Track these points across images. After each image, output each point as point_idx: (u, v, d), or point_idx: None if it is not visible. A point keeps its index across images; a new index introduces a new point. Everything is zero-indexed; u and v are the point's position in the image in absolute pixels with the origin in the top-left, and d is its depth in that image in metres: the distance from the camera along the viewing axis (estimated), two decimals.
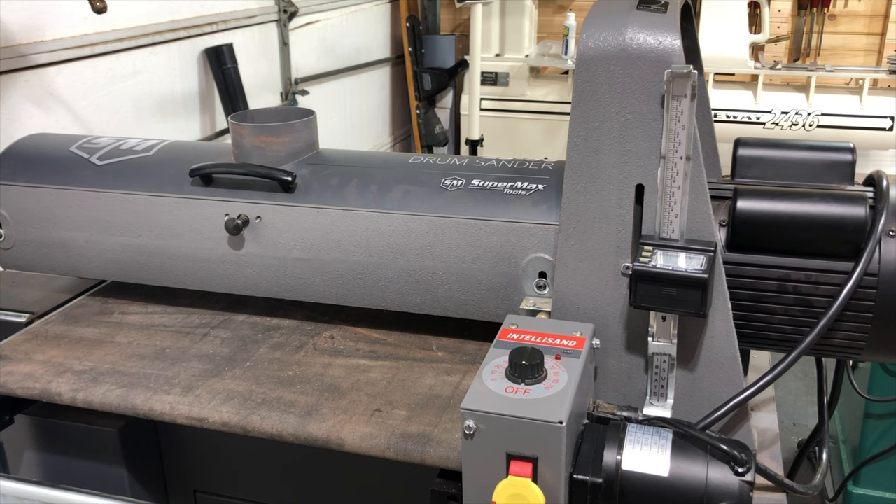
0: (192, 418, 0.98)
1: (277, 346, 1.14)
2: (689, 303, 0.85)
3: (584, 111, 0.89)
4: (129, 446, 1.11)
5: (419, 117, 4.25)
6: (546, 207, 1.01)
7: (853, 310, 0.88)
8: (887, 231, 0.88)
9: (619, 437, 0.81)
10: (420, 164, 1.13)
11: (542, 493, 0.75)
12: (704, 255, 0.86)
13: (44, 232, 1.21)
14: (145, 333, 1.18)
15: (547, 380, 0.80)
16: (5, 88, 1.92)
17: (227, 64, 2.74)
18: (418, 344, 1.14)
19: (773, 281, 0.91)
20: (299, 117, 1.18)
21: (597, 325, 0.92)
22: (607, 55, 0.87)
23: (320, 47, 3.57)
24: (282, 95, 3.27)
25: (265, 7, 3.08)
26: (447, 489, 0.87)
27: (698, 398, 0.92)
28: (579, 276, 0.94)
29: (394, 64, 4.36)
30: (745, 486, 0.77)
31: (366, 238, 1.08)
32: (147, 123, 2.43)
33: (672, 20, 0.88)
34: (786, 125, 3.59)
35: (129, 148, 1.25)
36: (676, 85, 0.83)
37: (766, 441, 1.02)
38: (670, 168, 0.86)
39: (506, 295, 1.04)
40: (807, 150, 0.99)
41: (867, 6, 4.08)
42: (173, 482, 1.20)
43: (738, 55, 3.63)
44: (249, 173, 1.13)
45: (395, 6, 4.28)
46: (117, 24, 2.27)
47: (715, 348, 0.90)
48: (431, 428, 0.93)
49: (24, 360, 1.10)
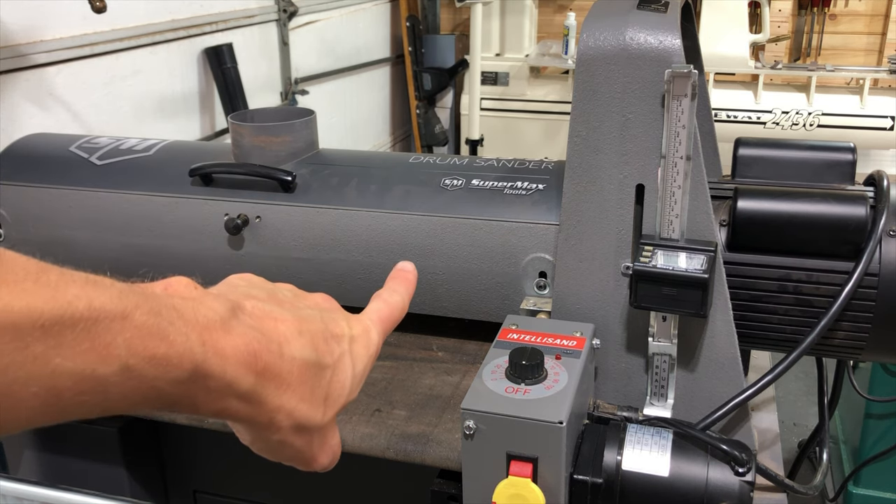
0: (192, 418, 0.98)
1: None
2: (690, 303, 0.85)
3: (584, 111, 0.89)
4: (128, 446, 1.11)
5: (419, 117, 4.25)
6: (546, 207, 1.01)
7: (853, 310, 0.88)
8: (888, 231, 0.88)
9: (620, 437, 0.81)
10: (420, 164, 1.13)
11: (543, 493, 0.75)
12: (705, 255, 0.86)
13: (44, 232, 1.21)
14: None
15: (547, 380, 0.80)
16: (5, 88, 1.92)
17: (227, 64, 2.74)
18: (418, 344, 1.14)
19: (774, 281, 0.91)
20: (299, 117, 1.18)
21: (597, 325, 0.92)
22: (607, 55, 0.87)
23: (320, 47, 3.57)
24: (282, 95, 3.27)
25: (265, 7, 3.08)
26: (447, 489, 0.87)
27: (698, 398, 0.92)
28: (579, 276, 0.94)
29: (394, 64, 4.36)
30: (745, 487, 0.77)
31: (366, 238, 1.08)
32: (147, 123, 2.42)
33: (672, 20, 0.88)
34: (786, 125, 3.59)
35: (128, 148, 1.25)
36: (677, 85, 0.83)
37: (767, 441, 1.02)
38: (670, 168, 0.86)
39: (506, 295, 1.04)
40: (807, 150, 0.99)
41: (868, 6, 4.07)
42: (173, 482, 1.20)
43: (739, 55, 3.62)
44: (249, 173, 1.13)
45: (395, 6, 4.27)
46: (117, 24, 2.27)
47: (715, 348, 0.90)
48: (431, 428, 0.93)
49: None
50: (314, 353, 0.50)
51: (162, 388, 0.42)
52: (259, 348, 0.46)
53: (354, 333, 0.55)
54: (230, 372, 0.44)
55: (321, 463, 0.54)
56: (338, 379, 0.52)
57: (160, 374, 0.41)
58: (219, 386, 0.44)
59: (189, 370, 0.42)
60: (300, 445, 0.51)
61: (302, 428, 0.50)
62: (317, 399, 0.50)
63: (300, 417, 0.49)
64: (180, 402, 0.44)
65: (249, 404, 0.46)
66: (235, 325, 0.46)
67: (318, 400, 0.50)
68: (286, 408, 0.48)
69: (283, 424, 0.49)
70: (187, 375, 0.42)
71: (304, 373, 0.49)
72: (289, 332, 0.49)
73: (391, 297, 0.60)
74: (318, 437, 0.52)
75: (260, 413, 0.47)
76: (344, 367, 0.52)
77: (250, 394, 0.46)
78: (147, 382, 0.41)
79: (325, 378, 0.51)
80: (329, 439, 0.53)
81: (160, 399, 0.42)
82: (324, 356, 0.51)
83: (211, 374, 0.43)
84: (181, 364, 0.42)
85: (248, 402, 0.46)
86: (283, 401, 0.48)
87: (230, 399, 0.45)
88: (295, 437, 0.50)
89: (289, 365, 0.48)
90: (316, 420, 0.50)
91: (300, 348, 0.49)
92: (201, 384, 0.43)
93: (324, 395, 0.51)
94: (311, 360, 0.50)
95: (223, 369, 0.44)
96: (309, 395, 0.50)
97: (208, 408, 0.45)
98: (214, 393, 0.44)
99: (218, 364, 0.44)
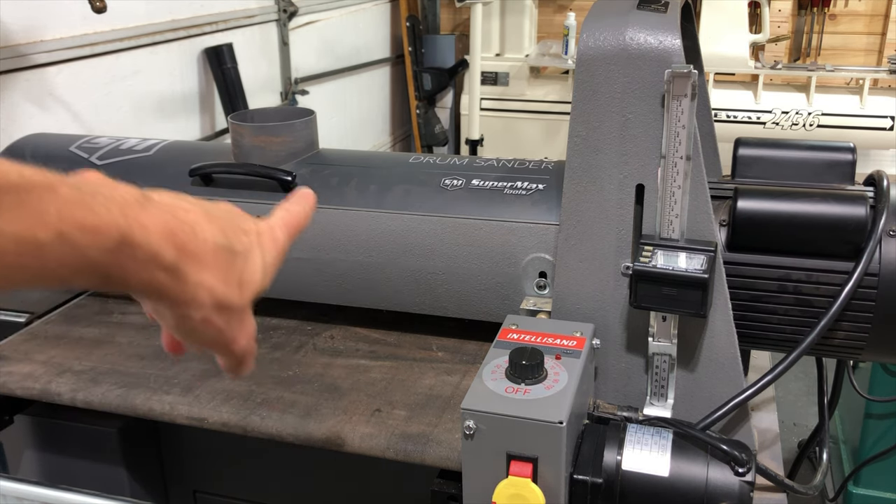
0: (191, 418, 0.98)
1: (277, 346, 1.14)
2: (690, 303, 0.85)
3: (584, 111, 0.89)
4: (128, 446, 1.11)
5: (419, 117, 4.25)
6: (546, 207, 1.01)
7: (853, 310, 0.88)
8: (888, 231, 0.88)
9: (620, 437, 0.81)
10: (420, 164, 1.13)
11: (543, 493, 0.75)
12: (705, 254, 0.86)
13: None
14: (145, 333, 1.18)
15: (547, 380, 0.80)
16: (5, 88, 1.92)
17: (227, 64, 2.74)
18: (418, 344, 1.14)
19: (774, 281, 0.91)
20: (299, 117, 1.18)
21: (597, 325, 0.92)
22: (607, 55, 0.87)
23: (320, 47, 3.57)
24: (282, 95, 3.27)
25: (265, 7, 3.08)
26: (447, 489, 0.87)
27: (698, 398, 0.92)
28: (579, 276, 0.94)
29: (394, 64, 4.36)
30: (745, 487, 0.77)
31: (366, 238, 1.08)
32: (147, 123, 2.42)
33: (672, 20, 0.88)
34: (786, 125, 3.59)
35: (128, 148, 1.25)
36: (677, 85, 0.83)
37: (767, 441, 1.02)
38: (670, 168, 0.86)
39: (506, 295, 1.04)
40: (807, 150, 0.99)
41: (867, 6, 4.07)
42: (173, 482, 1.20)
43: (739, 55, 3.62)
44: (249, 173, 1.13)
45: (395, 6, 4.27)
46: (117, 24, 2.27)
47: (715, 348, 0.90)
48: (431, 428, 0.93)
49: (24, 360, 1.10)
50: (225, 238, 0.55)
51: (94, 256, 0.47)
52: (174, 226, 0.51)
53: (261, 229, 0.61)
54: (154, 243, 0.49)
55: (240, 344, 0.59)
56: (249, 266, 0.58)
57: (91, 243, 0.46)
58: (145, 256, 0.49)
59: (116, 238, 0.47)
60: (221, 325, 0.56)
61: (222, 307, 0.55)
62: (232, 281, 0.56)
63: (219, 295, 0.55)
64: (112, 273, 0.49)
65: (174, 278, 0.51)
66: (150, 207, 0.51)
67: (233, 282, 0.56)
68: (206, 284, 0.54)
69: (205, 301, 0.54)
70: (115, 244, 0.47)
71: (217, 255, 0.55)
72: (198, 219, 0.54)
73: (293, 206, 0.66)
74: (236, 319, 0.58)
75: (184, 289, 0.52)
76: (254, 257, 0.58)
77: (174, 267, 0.51)
78: (80, 250, 0.46)
79: (237, 263, 0.56)
80: (246, 323, 0.59)
81: (94, 269, 0.48)
82: (234, 243, 0.56)
83: (136, 243, 0.48)
84: (108, 232, 0.47)
85: (172, 276, 0.51)
86: (202, 277, 0.53)
87: (156, 271, 0.50)
88: (216, 316, 0.55)
89: (203, 245, 0.53)
90: (234, 300, 0.56)
91: (211, 233, 0.54)
92: (129, 253, 0.48)
93: (238, 279, 0.56)
94: (222, 244, 0.55)
95: (147, 240, 0.49)
96: (224, 276, 0.55)
97: (138, 278, 0.50)
98: (141, 263, 0.49)
99: (142, 234, 0.49)
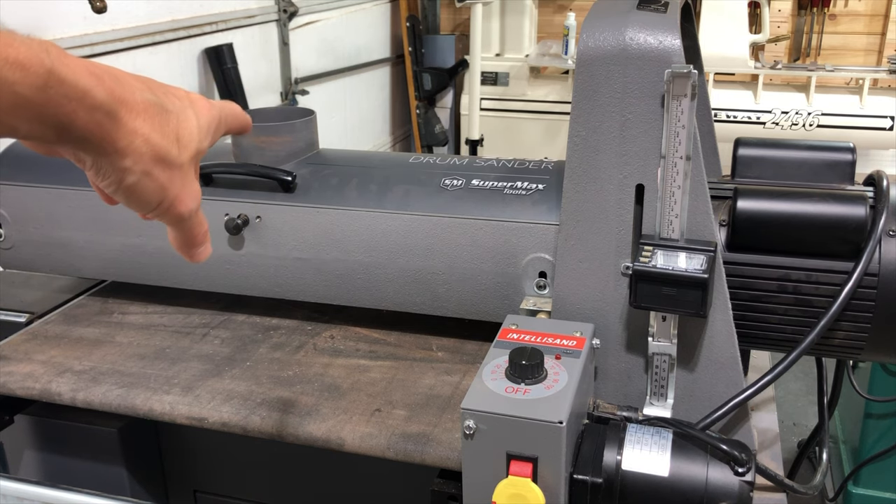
0: (192, 418, 0.98)
1: (277, 346, 1.14)
2: (690, 303, 0.85)
3: (584, 111, 0.89)
4: (128, 446, 1.11)
5: (419, 117, 4.25)
6: (546, 207, 1.01)
7: (853, 310, 0.88)
8: (887, 231, 0.88)
9: (619, 437, 0.81)
10: (420, 164, 1.13)
11: (543, 493, 0.75)
12: (704, 254, 0.86)
13: (44, 232, 1.21)
14: (145, 333, 1.18)
15: (547, 380, 0.80)
16: None
17: (227, 64, 2.74)
18: (418, 344, 1.14)
19: (773, 281, 0.91)
20: (299, 117, 1.18)
21: (597, 325, 0.92)
22: (607, 55, 0.87)
23: (320, 47, 3.57)
24: (282, 95, 3.27)
25: (265, 7, 3.08)
26: (447, 489, 0.87)
27: (698, 398, 0.92)
28: (579, 276, 0.94)
29: (394, 64, 4.36)
30: (745, 487, 0.77)
31: (366, 238, 1.08)
32: None
33: (672, 20, 0.88)
34: (786, 125, 3.59)
35: None
36: (676, 85, 0.83)
37: (767, 441, 1.02)
38: (670, 168, 0.86)
39: (506, 295, 1.04)
40: (807, 150, 0.99)
41: (867, 6, 4.08)
42: (173, 482, 1.20)
43: (738, 55, 3.63)
44: (249, 173, 1.13)
45: (395, 6, 4.28)
46: (117, 24, 2.27)
47: (715, 348, 0.90)
48: (431, 428, 0.93)
49: (24, 360, 1.10)
50: (154, 96, 0.56)
51: (26, 94, 0.47)
52: (98, 71, 0.51)
53: (192, 96, 0.61)
54: (82, 81, 0.50)
55: (187, 205, 0.60)
56: (184, 126, 0.58)
57: (20, 79, 0.47)
58: (76, 94, 0.49)
59: (44, 75, 0.47)
60: (163, 181, 0.57)
61: (161, 159, 0.56)
62: (169, 135, 0.56)
63: (157, 146, 0.55)
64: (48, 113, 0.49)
65: (111, 119, 0.52)
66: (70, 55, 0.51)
67: (170, 136, 0.56)
68: (141, 132, 0.54)
69: (143, 150, 0.54)
70: (43, 80, 0.48)
71: (149, 108, 0.55)
72: (123, 74, 0.54)
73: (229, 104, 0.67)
74: (178, 177, 0.58)
75: (120, 134, 0.53)
76: (188, 117, 0.59)
77: (107, 107, 0.51)
78: (10, 87, 0.46)
79: (171, 120, 0.57)
80: (190, 184, 0.59)
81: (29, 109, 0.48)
82: (165, 102, 0.56)
83: (64, 79, 0.49)
84: (35, 68, 0.47)
85: (108, 117, 0.52)
86: (136, 124, 0.53)
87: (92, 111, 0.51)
88: (156, 169, 0.56)
89: (132, 95, 0.53)
90: (173, 154, 0.56)
91: (139, 89, 0.55)
92: (59, 91, 0.49)
93: (175, 135, 0.57)
94: (152, 100, 0.55)
95: (75, 77, 0.49)
96: (160, 128, 0.55)
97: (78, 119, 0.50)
98: (75, 101, 0.50)
99: (68, 71, 0.49)
